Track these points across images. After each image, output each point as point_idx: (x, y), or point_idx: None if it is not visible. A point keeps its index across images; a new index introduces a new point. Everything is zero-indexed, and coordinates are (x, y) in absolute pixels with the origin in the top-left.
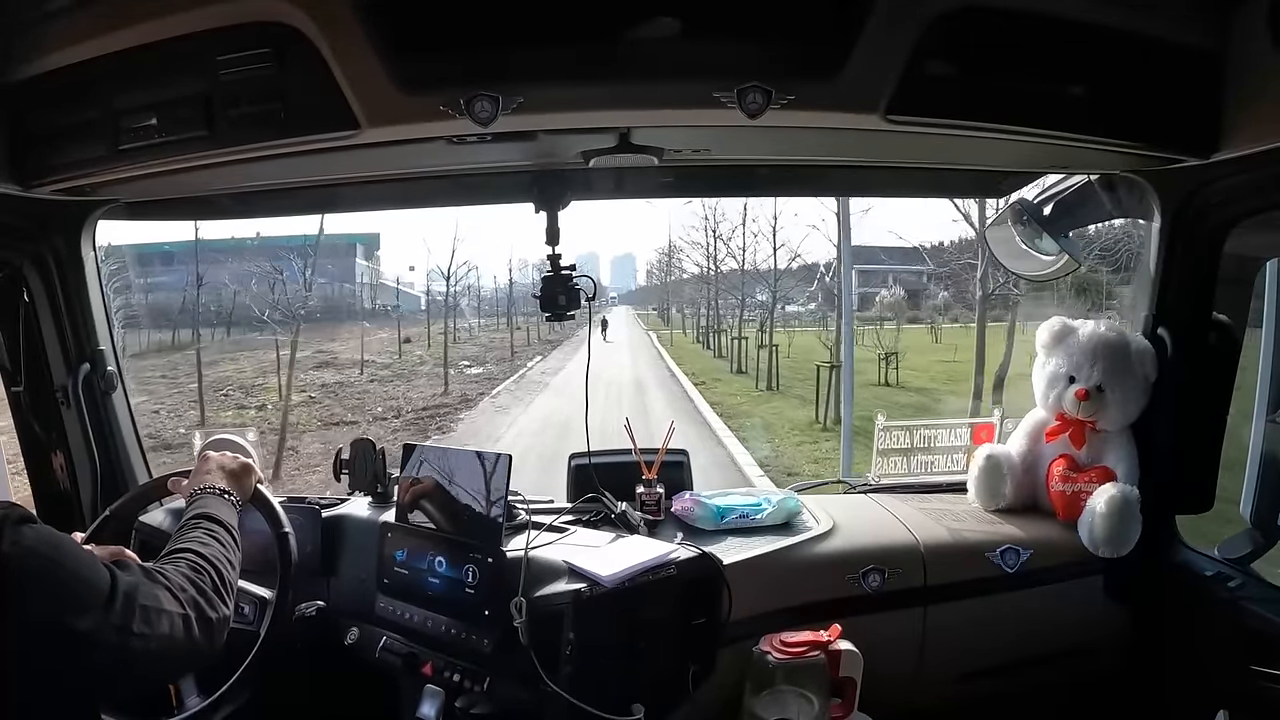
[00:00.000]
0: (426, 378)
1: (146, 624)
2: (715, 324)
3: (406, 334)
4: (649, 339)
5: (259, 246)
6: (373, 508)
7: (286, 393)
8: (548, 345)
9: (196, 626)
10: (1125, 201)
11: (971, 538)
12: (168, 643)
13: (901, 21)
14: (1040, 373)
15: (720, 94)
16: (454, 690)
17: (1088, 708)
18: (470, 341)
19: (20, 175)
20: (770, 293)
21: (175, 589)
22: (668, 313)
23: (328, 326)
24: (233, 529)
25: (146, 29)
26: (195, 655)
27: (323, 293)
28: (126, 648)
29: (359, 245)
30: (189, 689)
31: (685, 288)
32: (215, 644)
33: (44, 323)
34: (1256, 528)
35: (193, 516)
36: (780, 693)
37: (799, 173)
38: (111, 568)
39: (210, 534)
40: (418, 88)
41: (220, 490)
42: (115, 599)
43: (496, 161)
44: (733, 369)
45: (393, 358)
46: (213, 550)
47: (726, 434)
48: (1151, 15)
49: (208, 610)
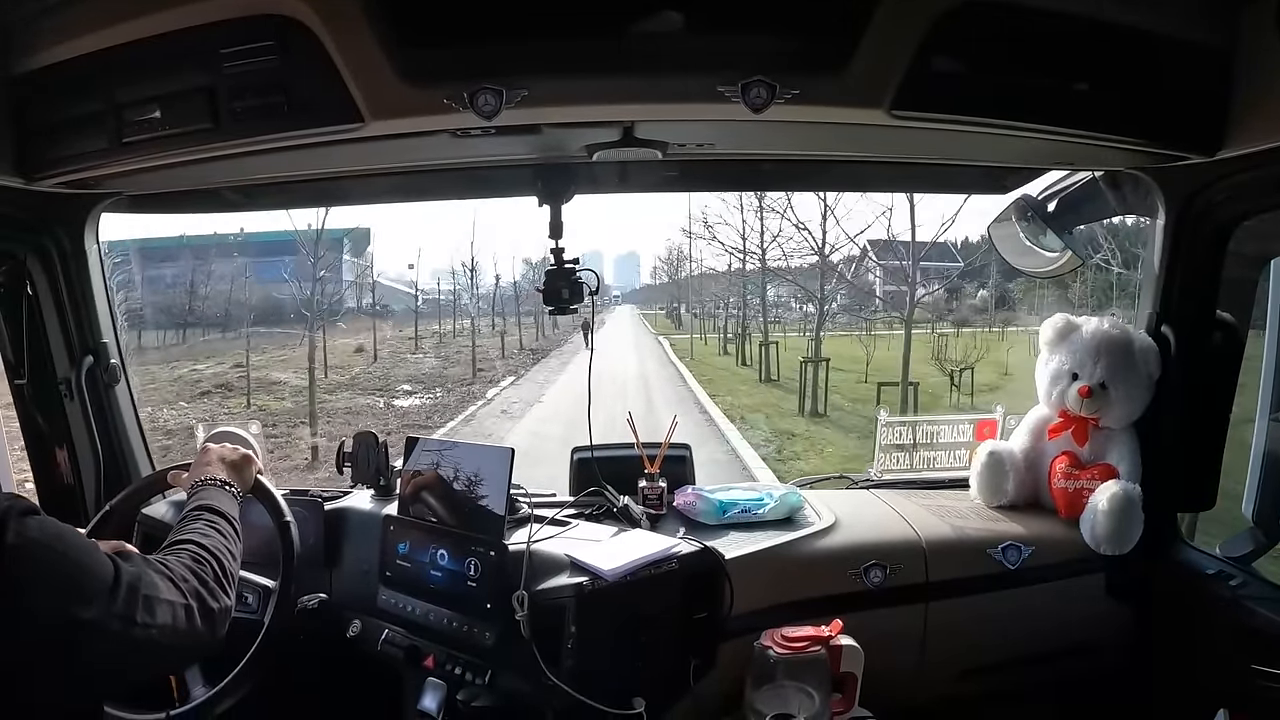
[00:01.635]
0: (328, 417)
1: (149, 614)
2: (745, 327)
3: (361, 342)
4: (660, 346)
5: (242, 243)
6: (375, 501)
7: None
8: (530, 357)
9: (199, 616)
10: (1130, 198)
11: (973, 534)
12: (170, 632)
13: (907, 16)
14: (1043, 369)
15: (724, 88)
16: (456, 683)
17: (1088, 705)
18: (438, 350)
19: (24, 168)
20: (818, 294)
21: (177, 579)
22: (677, 313)
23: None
24: (234, 520)
25: (150, 21)
26: (198, 645)
27: (296, 291)
28: (130, 637)
29: (345, 240)
30: (194, 679)
31: (705, 284)
32: (217, 634)
33: (47, 316)
34: (1258, 526)
35: (194, 508)
36: (781, 687)
37: (803, 167)
38: (114, 558)
39: (211, 525)
40: (421, 81)
41: (221, 482)
42: (119, 589)
43: (500, 155)
44: (803, 409)
45: (327, 374)
46: (214, 541)
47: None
48: (1159, 11)
49: (209, 601)
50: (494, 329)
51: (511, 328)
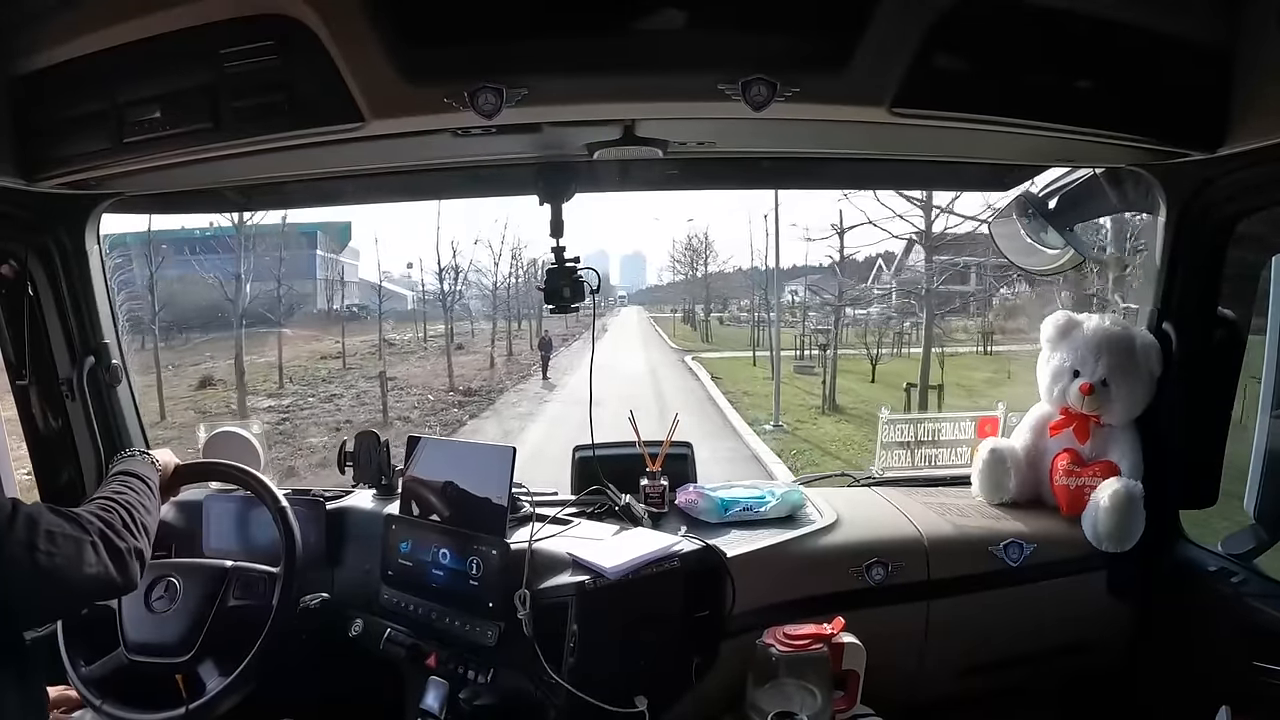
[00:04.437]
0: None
1: (52, 544)
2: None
3: (326, 348)
4: (690, 375)
5: (207, 238)
6: (377, 500)
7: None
8: (512, 383)
9: (106, 554)
10: (1131, 195)
11: (975, 532)
12: (76, 563)
13: (908, 14)
14: (1045, 367)
15: (725, 86)
16: (458, 681)
17: (1090, 703)
18: (405, 361)
19: (25, 168)
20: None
21: (83, 521)
22: (694, 316)
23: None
24: (147, 480)
25: (150, 21)
26: (109, 582)
27: (258, 291)
28: (35, 563)
29: (319, 235)
30: (209, 672)
31: (729, 281)
32: (127, 572)
33: (49, 316)
34: (1260, 524)
35: (109, 475)
36: (783, 685)
37: (804, 165)
38: (14, 499)
39: (123, 484)
40: (422, 80)
41: (140, 451)
42: (16, 519)
43: (501, 154)
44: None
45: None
46: (124, 496)
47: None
48: (1161, 9)
49: (115, 540)
50: (496, 332)
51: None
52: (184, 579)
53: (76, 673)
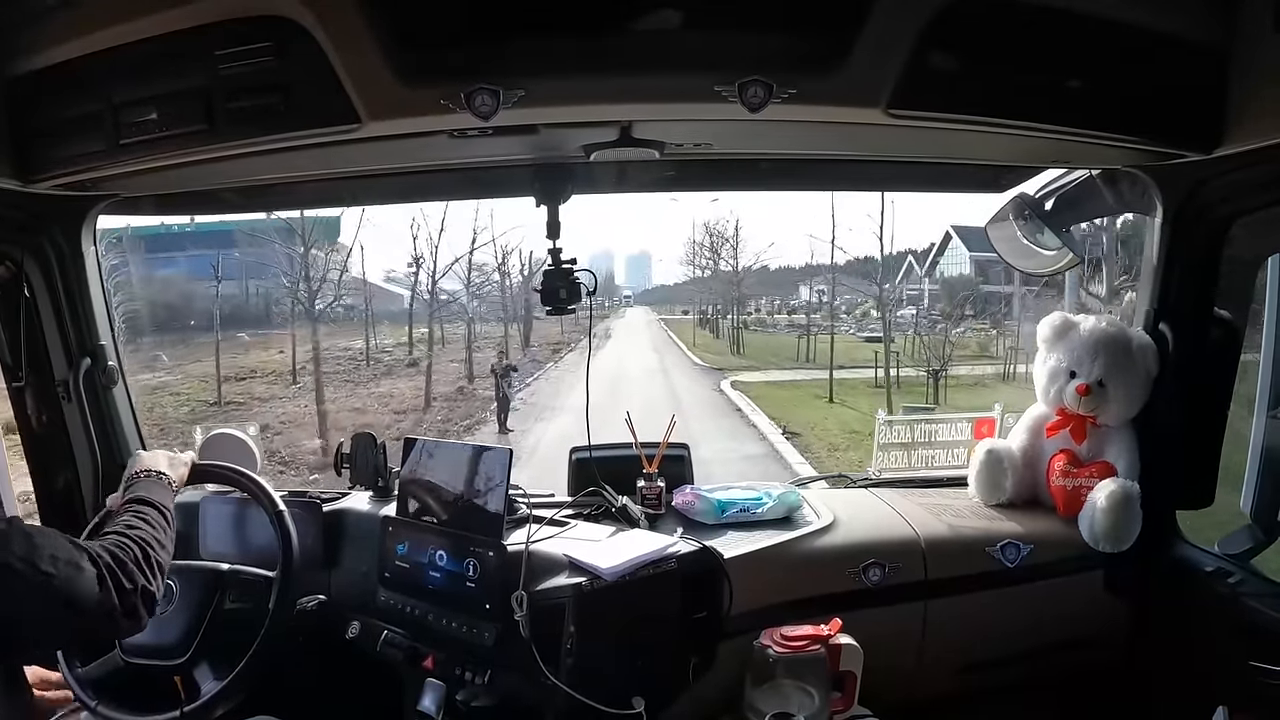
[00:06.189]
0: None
1: (53, 566)
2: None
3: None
4: (721, 399)
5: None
6: (373, 502)
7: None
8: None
9: (113, 589)
10: (1127, 196)
11: (972, 532)
12: (75, 587)
13: (904, 15)
14: (1041, 367)
15: (721, 88)
16: (455, 683)
17: (1087, 703)
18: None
19: (21, 170)
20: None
21: (93, 553)
22: (714, 319)
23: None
24: (164, 509)
25: (146, 23)
26: (111, 619)
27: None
28: (36, 581)
29: (296, 231)
30: (204, 675)
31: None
32: (134, 611)
33: (45, 317)
34: (1257, 523)
35: (126, 501)
36: (780, 686)
37: (800, 166)
38: (12, 517)
39: (138, 515)
40: (418, 81)
41: (156, 473)
42: (12, 537)
43: (497, 155)
44: None
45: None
46: (139, 532)
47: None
48: (1156, 9)
49: (124, 580)
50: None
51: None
52: (180, 581)
53: (72, 673)
